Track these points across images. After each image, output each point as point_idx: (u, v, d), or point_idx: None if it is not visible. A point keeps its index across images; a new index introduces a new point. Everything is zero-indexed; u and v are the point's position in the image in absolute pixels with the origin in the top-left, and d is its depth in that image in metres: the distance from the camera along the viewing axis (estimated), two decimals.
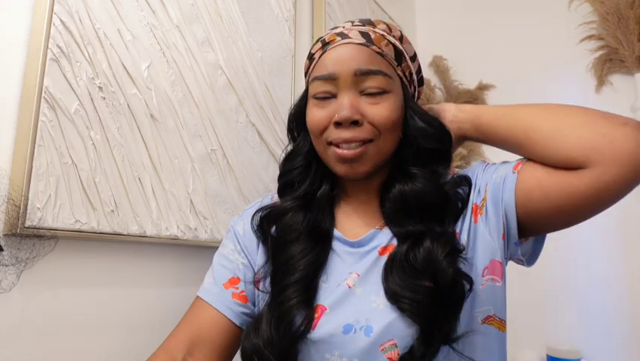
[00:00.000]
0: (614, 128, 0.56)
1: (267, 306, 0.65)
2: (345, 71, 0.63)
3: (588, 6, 1.59)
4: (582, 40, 1.58)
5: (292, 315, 0.61)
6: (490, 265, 0.63)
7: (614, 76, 1.53)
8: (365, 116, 0.63)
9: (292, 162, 0.72)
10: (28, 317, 0.68)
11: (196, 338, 0.67)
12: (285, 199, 0.71)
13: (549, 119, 0.61)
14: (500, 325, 0.64)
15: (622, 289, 1.45)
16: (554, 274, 1.53)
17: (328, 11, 1.37)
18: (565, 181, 0.58)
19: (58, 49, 0.72)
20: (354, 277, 0.64)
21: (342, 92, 0.64)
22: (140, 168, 0.82)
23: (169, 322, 0.87)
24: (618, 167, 0.54)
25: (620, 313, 1.43)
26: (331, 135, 0.64)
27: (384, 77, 0.64)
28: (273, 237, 0.69)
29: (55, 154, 0.70)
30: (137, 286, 0.83)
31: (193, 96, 0.94)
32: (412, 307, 0.57)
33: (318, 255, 0.66)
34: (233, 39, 1.05)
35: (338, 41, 0.65)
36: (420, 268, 0.59)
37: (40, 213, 0.67)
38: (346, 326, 0.60)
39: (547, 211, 0.59)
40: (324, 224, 0.69)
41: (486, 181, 0.65)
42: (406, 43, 0.69)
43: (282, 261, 0.66)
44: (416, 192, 0.64)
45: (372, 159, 0.64)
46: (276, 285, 0.65)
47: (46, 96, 0.69)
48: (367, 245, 0.66)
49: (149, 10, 0.87)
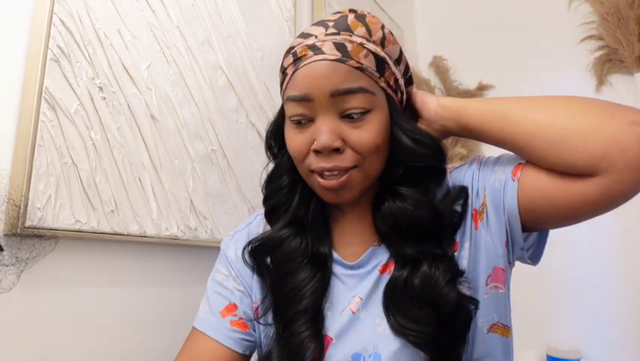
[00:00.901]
0: (623, 130, 0.50)
1: (274, 342, 0.62)
2: (320, 92, 0.56)
3: (588, 6, 1.59)
4: (582, 40, 1.58)
5: (304, 349, 0.58)
6: (493, 272, 0.61)
7: (613, 76, 1.53)
8: (347, 142, 0.57)
9: (277, 181, 0.67)
10: (28, 317, 0.68)
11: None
12: (278, 227, 0.66)
13: (550, 125, 0.55)
14: (504, 331, 0.62)
15: (622, 289, 1.45)
16: (554, 275, 1.53)
17: (328, 11, 1.37)
18: (573, 190, 0.54)
19: (59, 49, 0.72)
20: (357, 301, 0.62)
21: (320, 116, 0.57)
22: (140, 168, 0.82)
23: (169, 322, 0.87)
24: (631, 173, 0.50)
25: (620, 314, 1.43)
26: (312, 164, 0.59)
27: (364, 95, 0.56)
28: (271, 268, 0.65)
29: (55, 154, 0.70)
30: (137, 286, 0.83)
31: (193, 96, 0.94)
32: (418, 338, 0.55)
33: (321, 281, 0.62)
34: (234, 39, 1.05)
35: (310, 56, 0.57)
36: (421, 297, 0.56)
37: (40, 213, 0.67)
38: (354, 355, 0.59)
39: (555, 217, 0.56)
40: (323, 249, 0.65)
41: (484, 184, 0.61)
42: (389, 44, 0.61)
43: (284, 292, 0.62)
44: (406, 213, 0.59)
45: (358, 185, 0.59)
46: (282, 316, 0.62)
47: (47, 96, 0.69)
48: (367, 266, 0.64)
49: (149, 10, 0.87)
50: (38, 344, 0.68)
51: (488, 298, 0.60)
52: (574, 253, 1.52)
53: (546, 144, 0.54)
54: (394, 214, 0.60)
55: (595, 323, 1.46)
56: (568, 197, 0.54)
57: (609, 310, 1.45)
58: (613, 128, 0.51)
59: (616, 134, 0.51)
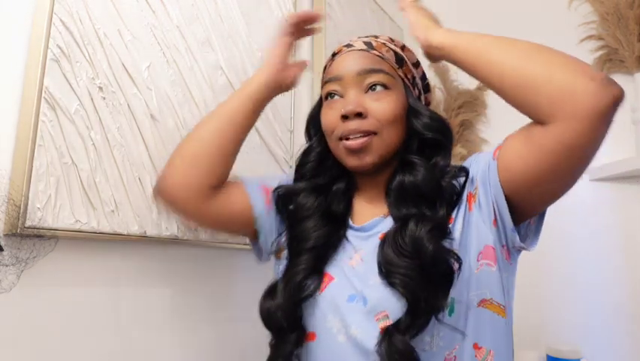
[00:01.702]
0: (577, 81, 0.55)
1: (282, 273, 0.72)
2: (349, 71, 0.71)
3: (588, 6, 1.58)
4: (582, 40, 1.58)
5: (302, 277, 0.69)
6: (484, 250, 0.67)
7: (613, 76, 1.50)
8: (368, 110, 0.69)
9: (307, 157, 0.79)
10: (28, 317, 0.68)
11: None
12: (298, 184, 0.78)
13: (519, 69, 0.60)
14: (498, 309, 0.66)
15: (622, 289, 1.45)
16: (554, 274, 1.53)
17: (328, 11, 1.37)
18: (537, 142, 0.58)
19: (59, 49, 0.72)
20: (358, 259, 0.71)
21: (348, 91, 0.71)
22: (140, 168, 0.82)
23: (169, 322, 0.87)
24: (577, 122, 0.54)
25: (620, 314, 1.43)
26: (339, 129, 0.70)
27: (384, 75, 0.71)
28: (291, 211, 0.77)
29: (55, 154, 0.70)
30: (137, 286, 0.83)
31: (193, 96, 0.94)
32: (401, 281, 0.62)
33: (330, 233, 0.73)
34: (234, 39, 1.05)
35: (344, 51, 0.75)
36: (406, 246, 0.64)
37: (40, 213, 0.67)
38: (351, 295, 0.67)
39: (532, 180, 0.61)
40: (337, 209, 0.75)
41: (476, 171, 0.69)
42: (407, 51, 0.77)
43: (297, 231, 0.74)
44: (413, 182, 0.69)
45: (377, 150, 0.70)
46: (292, 251, 0.74)
47: (47, 96, 0.69)
48: (370, 231, 0.73)
49: (149, 10, 0.87)
50: (38, 344, 0.68)
51: (479, 273, 0.66)
52: (574, 253, 1.52)
53: (514, 84, 0.60)
54: (402, 184, 0.70)
55: (595, 323, 1.46)
56: (535, 149, 0.59)
57: (609, 311, 1.45)
58: (570, 77, 0.56)
59: (571, 83, 0.55)
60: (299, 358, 0.70)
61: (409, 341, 0.59)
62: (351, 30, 1.46)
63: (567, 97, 0.55)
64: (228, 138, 0.76)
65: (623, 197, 1.49)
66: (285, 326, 0.68)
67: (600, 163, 1.47)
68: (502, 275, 0.67)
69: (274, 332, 0.70)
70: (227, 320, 0.98)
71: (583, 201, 1.50)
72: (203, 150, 0.74)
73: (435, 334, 0.63)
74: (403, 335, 0.59)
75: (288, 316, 0.68)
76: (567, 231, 1.51)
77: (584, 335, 1.46)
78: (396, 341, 0.59)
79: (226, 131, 0.76)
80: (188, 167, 0.74)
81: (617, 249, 1.47)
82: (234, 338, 1.00)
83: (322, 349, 0.68)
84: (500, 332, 0.66)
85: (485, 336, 0.65)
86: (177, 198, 0.75)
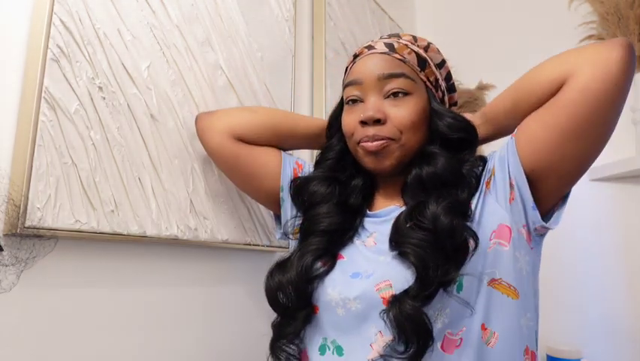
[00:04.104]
0: (589, 49, 0.61)
1: (293, 252, 0.73)
2: (369, 76, 0.71)
3: (588, 6, 1.58)
4: (582, 40, 1.58)
5: (314, 257, 0.70)
6: (498, 229, 0.66)
7: None
8: (388, 116, 0.69)
9: (326, 154, 0.81)
10: (28, 317, 0.68)
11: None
12: (314, 172, 0.81)
13: (525, 76, 0.68)
14: (509, 291, 0.65)
15: (622, 289, 1.45)
16: (554, 275, 1.53)
17: (328, 11, 1.37)
18: (554, 103, 0.61)
19: (58, 49, 0.72)
20: (371, 241, 0.72)
21: (368, 96, 0.72)
22: (140, 168, 0.82)
23: (169, 322, 0.87)
24: (591, 67, 0.58)
25: (620, 314, 1.43)
26: (358, 133, 0.72)
27: (405, 80, 0.70)
28: (304, 200, 0.78)
29: (55, 154, 0.70)
30: (137, 286, 0.83)
31: (193, 96, 0.94)
32: (412, 250, 0.62)
33: (344, 221, 0.74)
34: (234, 39, 1.05)
35: (365, 53, 0.74)
36: (423, 219, 0.64)
37: (40, 213, 0.67)
38: (354, 273, 0.68)
39: (554, 144, 0.62)
40: (355, 202, 0.76)
41: (494, 162, 0.70)
42: (431, 52, 0.76)
43: (310, 215, 0.76)
44: (432, 172, 0.69)
45: (395, 153, 0.70)
46: (304, 233, 0.75)
47: (46, 96, 0.69)
48: (385, 216, 0.74)
49: (149, 10, 0.87)
50: (38, 344, 0.68)
51: (490, 252, 0.65)
52: (574, 252, 1.52)
53: (525, 84, 0.67)
54: (420, 176, 0.70)
55: (595, 323, 1.46)
56: (553, 110, 0.61)
57: (609, 310, 1.45)
58: (582, 51, 0.61)
59: (579, 51, 0.62)
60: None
61: (419, 307, 0.59)
62: (351, 30, 1.46)
63: (581, 56, 0.60)
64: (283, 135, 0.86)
65: (623, 197, 1.49)
66: (296, 302, 0.69)
67: (600, 163, 1.47)
68: (516, 256, 0.66)
69: (281, 309, 0.70)
70: (227, 320, 0.98)
71: (583, 201, 1.50)
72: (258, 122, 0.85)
73: (439, 309, 0.62)
74: (413, 301, 0.59)
75: (300, 292, 0.69)
76: (567, 231, 1.51)
77: (584, 335, 1.46)
78: (407, 306, 0.59)
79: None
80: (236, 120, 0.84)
81: (617, 249, 1.47)
82: (234, 338, 1.00)
83: (322, 320, 0.69)
84: (509, 312, 0.64)
85: (493, 317, 0.64)
86: (216, 131, 0.83)
